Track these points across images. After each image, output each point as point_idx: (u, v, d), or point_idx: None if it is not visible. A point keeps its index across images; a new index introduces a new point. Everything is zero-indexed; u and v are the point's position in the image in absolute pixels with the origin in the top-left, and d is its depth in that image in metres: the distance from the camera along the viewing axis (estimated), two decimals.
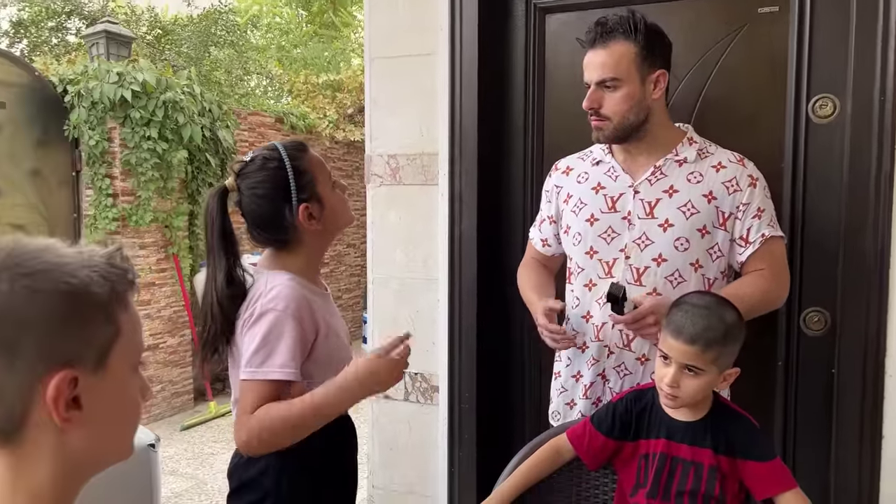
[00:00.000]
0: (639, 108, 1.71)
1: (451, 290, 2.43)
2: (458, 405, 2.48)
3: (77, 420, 0.72)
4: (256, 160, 1.53)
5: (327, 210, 1.55)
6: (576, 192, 1.86)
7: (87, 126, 4.96)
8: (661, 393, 1.49)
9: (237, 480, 1.54)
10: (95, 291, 0.73)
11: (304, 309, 1.46)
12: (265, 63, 10.21)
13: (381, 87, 2.54)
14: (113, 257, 0.78)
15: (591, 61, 1.73)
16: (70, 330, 0.72)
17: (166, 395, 5.51)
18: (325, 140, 7.51)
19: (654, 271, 1.72)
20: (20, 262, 0.71)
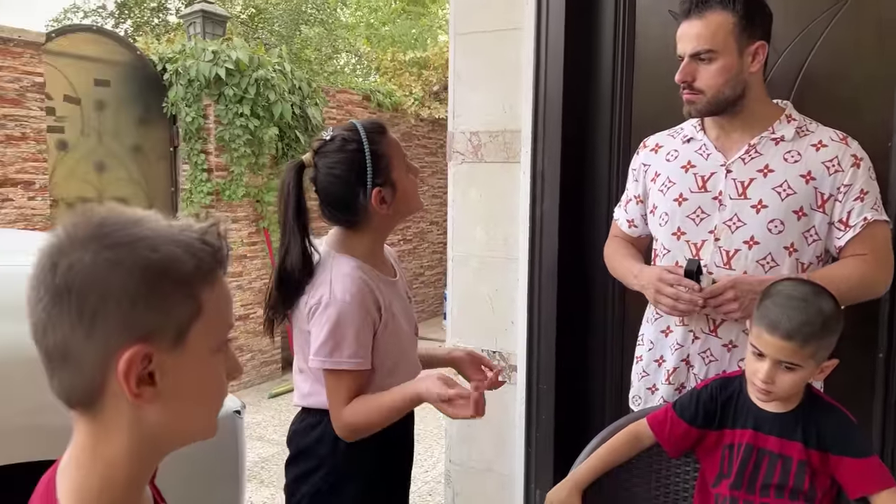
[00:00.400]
0: (735, 82, 1.62)
1: (531, 269, 2.41)
2: (536, 385, 2.46)
3: (150, 396, 0.72)
4: (336, 140, 1.52)
5: (399, 195, 1.55)
6: (664, 170, 1.79)
7: (185, 103, 5.16)
8: (752, 387, 1.43)
9: (295, 447, 1.59)
10: (178, 268, 0.72)
11: (367, 297, 1.48)
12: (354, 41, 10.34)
13: (465, 62, 2.52)
14: (206, 233, 0.76)
15: (686, 32, 1.65)
16: (148, 305, 0.71)
17: (255, 364, 5.72)
18: (410, 118, 7.55)
19: (745, 254, 1.64)
20: (106, 234, 0.71)
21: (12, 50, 4.06)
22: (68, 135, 4.60)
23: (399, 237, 7.64)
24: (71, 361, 0.70)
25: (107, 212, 0.74)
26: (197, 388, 0.77)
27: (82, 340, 0.70)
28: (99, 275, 0.69)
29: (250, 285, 5.64)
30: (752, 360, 1.41)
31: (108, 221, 0.72)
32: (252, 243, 5.63)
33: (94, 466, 0.74)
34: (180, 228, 0.75)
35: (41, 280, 0.70)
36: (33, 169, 4.23)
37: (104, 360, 0.70)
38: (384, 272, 1.61)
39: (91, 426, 0.74)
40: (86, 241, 0.70)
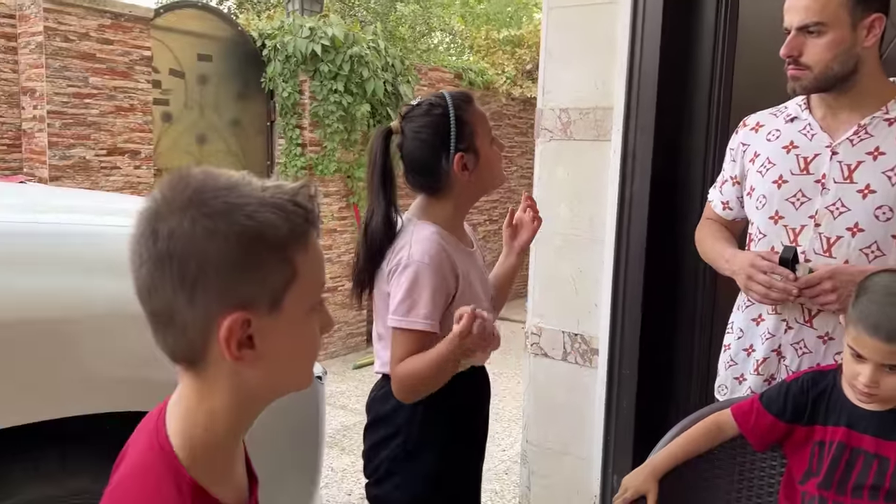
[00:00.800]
0: (846, 57, 1.51)
1: (617, 251, 2.35)
2: (618, 370, 2.41)
3: (250, 357, 0.75)
4: (423, 105, 1.55)
5: (482, 163, 1.56)
6: (764, 150, 1.69)
7: (282, 79, 5.28)
8: (852, 390, 1.34)
9: (374, 414, 1.63)
10: (273, 234, 0.74)
11: (445, 262, 1.50)
12: (448, 19, 10.32)
13: (557, 37, 2.46)
14: (297, 195, 0.77)
15: (794, 4, 1.54)
16: (245, 272, 0.73)
17: (342, 335, 5.86)
18: (501, 97, 7.49)
19: (848, 242, 1.53)
20: (204, 202, 0.72)
21: (123, 25, 4.26)
22: (172, 107, 4.80)
23: (485, 217, 7.62)
24: (175, 323, 0.74)
25: (203, 177, 0.75)
26: (294, 347, 0.80)
27: (185, 305, 0.73)
28: (198, 243, 0.71)
29: (339, 259, 5.77)
30: (850, 362, 1.32)
31: (204, 188, 0.74)
32: (342, 218, 5.74)
33: (198, 417, 0.78)
34: (272, 192, 0.76)
35: (143, 244, 0.73)
36: (139, 139, 4.44)
37: (206, 324, 0.73)
38: (464, 242, 1.62)
39: (194, 381, 0.78)
40: (184, 207, 0.72)
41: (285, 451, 1.90)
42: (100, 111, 4.19)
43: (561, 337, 2.54)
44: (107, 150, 4.25)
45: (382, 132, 1.57)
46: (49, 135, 4.00)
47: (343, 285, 5.82)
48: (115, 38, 4.22)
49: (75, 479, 1.46)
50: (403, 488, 1.56)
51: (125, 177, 4.36)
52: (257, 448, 0.96)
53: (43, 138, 4.02)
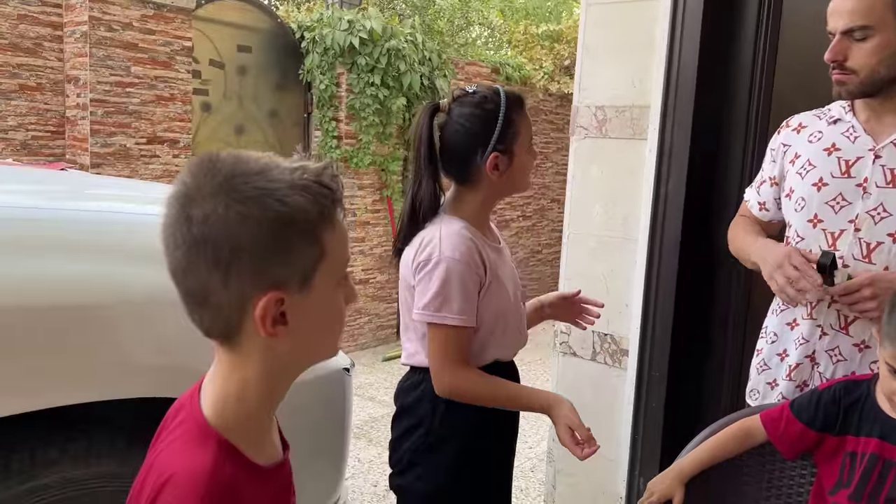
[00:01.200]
0: (892, 61, 1.47)
1: (650, 252, 2.32)
2: (647, 372, 2.39)
3: (283, 333, 0.79)
4: (477, 95, 1.55)
5: (514, 167, 1.57)
6: (805, 152, 1.66)
7: (319, 71, 5.32)
8: (891, 404, 1.31)
9: (400, 404, 1.65)
10: (303, 217, 0.77)
11: (474, 256, 1.51)
12: (487, 13, 10.28)
13: (595, 34, 2.44)
14: (322, 176, 0.80)
15: (838, 7, 1.50)
16: (277, 255, 0.76)
17: (372, 327, 5.90)
18: (538, 92, 7.44)
19: (889, 248, 1.50)
20: (235, 187, 0.75)
21: (165, 15, 4.33)
22: (212, 97, 4.87)
23: (518, 213, 7.59)
24: (210, 303, 0.78)
25: (233, 162, 0.78)
26: (323, 320, 0.84)
27: (220, 287, 0.76)
28: (231, 228, 0.74)
29: (371, 251, 5.80)
30: (888, 379, 1.29)
31: (235, 172, 0.76)
32: (375, 210, 5.77)
33: (230, 387, 0.82)
34: (299, 174, 0.78)
35: (177, 228, 0.76)
36: (179, 128, 4.51)
37: (241, 304, 0.77)
38: (490, 238, 1.63)
39: (229, 355, 0.82)
40: (216, 192, 0.75)
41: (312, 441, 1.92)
42: (140, 100, 4.27)
43: (591, 336, 2.52)
44: (146, 139, 4.33)
45: (430, 108, 1.57)
46: (91, 122, 4.09)
47: (374, 277, 5.85)
48: (158, 28, 4.29)
49: (103, 461, 1.49)
50: (425, 479, 1.57)
51: (164, 165, 4.44)
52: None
53: (85, 126, 4.11)
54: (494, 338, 1.58)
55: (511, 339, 1.65)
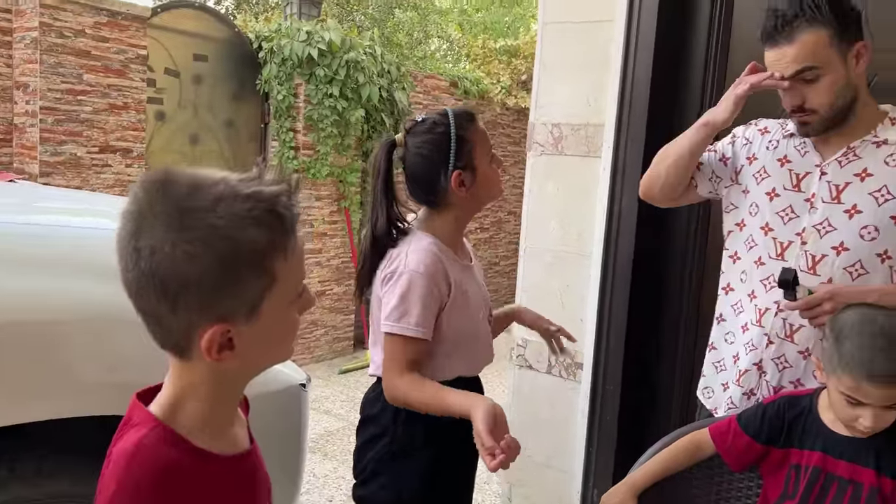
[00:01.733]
0: (846, 91, 1.54)
1: (604, 267, 2.37)
2: (601, 385, 2.43)
3: (230, 356, 0.81)
4: (427, 122, 1.61)
5: (479, 180, 1.61)
6: (762, 157, 1.72)
7: (277, 81, 5.29)
8: (849, 429, 1.35)
9: (365, 414, 1.67)
10: (251, 250, 0.77)
11: (438, 271, 1.54)
12: (446, 26, 10.36)
13: (551, 53, 2.49)
14: (276, 205, 0.80)
15: (780, 58, 1.54)
16: (224, 289, 0.77)
17: (328, 339, 5.86)
18: (496, 106, 7.52)
19: (832, 261, 1.56)
20: (184, 224, 0.75)
21: (119, 23, 4.26)
22: (166, 106, 4.80)
23: (476, 226, 7.64)
24: (161, 325, 0.80)
25: (186, 190, 0.77)
26: (272, 339, 0.86)
27: (168, 314, 0.78)
28: (178, 266, 0.75)
29: (329, 262, 5.77)
30: (846, 407, 1.32)
31: (186, 205, 0.76)
32: (333, 222, 5.75)
33: (180, 388, 0.84)
34: (251, 204, 0.78)
35: (127, 253, 0.77)
36: (132, 137, 4.44)
37: (188, 331, 0.79)
38: (461, 256, 1.67)
39: (180, 365, 0.84)
40: (166, 225, 0.75)
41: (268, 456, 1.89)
42: (93, 108, 4.19)
43: (546, 350, 2.55)
44: (99, 148, 4.25)
45: (387, 143, 1.63)
46: (41, 130, 3.99)
47: (331, 289, 5.82)
48: (111, 35, 4.22)
49: (54, 481, 1.46)
50: (388, 488, 1.59)
51: (116, 175, 4.35)
52: None
53: (34, 134, 4.01)
54: (458, 354, 1.61)
55: (476, 356, 1.69)
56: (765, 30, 1.56)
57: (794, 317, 1.59)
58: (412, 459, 1.58)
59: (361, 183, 5.85)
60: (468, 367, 1.66)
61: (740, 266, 1.75)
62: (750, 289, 1.70)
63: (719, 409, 1.78)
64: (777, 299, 1.61)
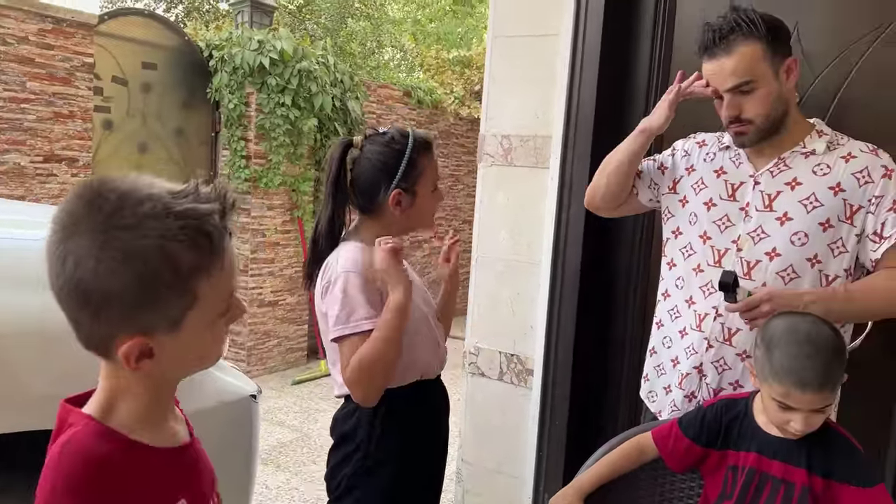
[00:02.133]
0: (779, 103, 1.63)
1: (553, 275, 2.42)
2: (551, 391, 2.47)
3: (149, 365, 0.83)
4: (387, 135, 1.67)
5: (415, 207, 1.68)
6: (700, 169, 1.80)
7: (228, 90, 5.25)
8: (782, 431, 1.41)
9: (338, 434, 1.69)
10: (173, 269, 0.78)
11: (370, 269, 1.58)
12: (399, 36, 10.40)
13: (501, 65, 2.53)
14: (204, 224, 0.80)
15: (718, 70, 1.63)
16: (144, 307, 0.79)
17: (281, 350, 5.81)
18: (449, 116, 7.58)
19: (766, 266, 1.64)
20: (109, 239, 0.76)
21: (65, 30, 4.18)
22: (114, 115, 4.73)
23: (431, 235, 7.67)
24: (82, 331, 0.82)
25: (116, 203, 0.78)
26: (196, 350, 0.87)
27: (89, 321, 0.80)
28: (101, 279, 0.77)
29: (281, 272, 5.72)
30: (778, 412, 1.37)
31: (113, 222, 0.77)
32: (286, 231, 5.71)
33: (112, 385, 0.86)
34: (180, 223, 0.79)
35: (54, 260, 0.79)
36: (78, 146, 4.35)
37: (109, 339, 0.81)
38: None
39: (107, 365, 0.86)
40: (92, 237, 0.77)
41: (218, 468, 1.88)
42: (37, 117, 4.10)
43: (498, 357, 2.59)
44: (43, 157, 4.16)
45: (343, 143, 1.69)
46: None
47: (284, 299, 5.78)
48: (57, 43, 4.14)
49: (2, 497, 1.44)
50: (363, 502, 1.61)
51: (62, 185, 4.26)
52: None
53: None
54: (408, 355, 1.62)
55: (427, 357, 1.71)
56: (703, 43, 1.64)
57: (731, 321, 1.67)
58: (385, 473, 1.61)
59: (314, 192, 5.83)
60: (424, 368, 1.70)
61: (676, 272, 1.82)
62: (688, 294, 1.77)
63: (663, 412, 1.85)
64: (715, 304, 1.69)
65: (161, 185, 0.82)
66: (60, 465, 0.80)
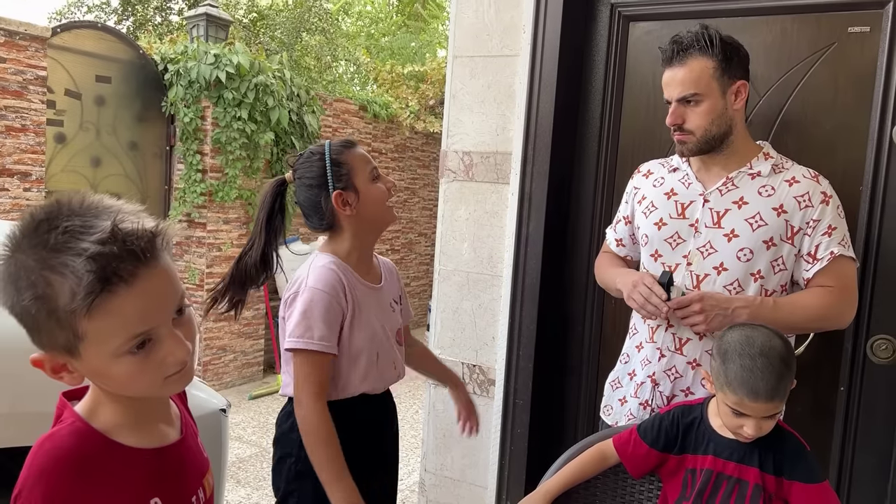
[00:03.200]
0: (721, 121, 1.73)
1: (514, 287, 2.49)
2: (512, 400, 2.54)
3: (70, 379, 0.88)
4: (305, 154, 1.71)
5: (362, 199, 1.68)
6: (650, 194, 1.90)
7: (183, 104, 5.22)
8: (735, 435, 1.49)
9: (278, 431, 1.73)
10: (49, 306, 0.80)
11: (337, 288, 1.62)
12: (353, 50, 10.44)
13: (461, 84, 2.61)
14: (101, 254, 0.79)
15: (671, 79, 1.75)
16: (36, 332, 0.84)
17: (237, 365, 5.76)
18: (405, 130, 7.64)
19: (714, 279, 1.74)
20: (14, 273, 0.81)
21: (18, 43, 4.12)
22: (67, 128, 4.65)
23: (387, 247, 7.70)
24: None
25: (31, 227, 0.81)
26: (116, 380, 0.88)
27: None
28: (8, 302, 0.83)
29: None
30: (732, 417, 1.45)
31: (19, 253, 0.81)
32: (241, 245, 5.68)
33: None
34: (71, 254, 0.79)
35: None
36: (31, 161, 4.28)
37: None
38: (367, 278, 1.72)
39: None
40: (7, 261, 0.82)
41: None
42: None
43: (461, 368, 2.65)
44: None
45: (276, 182, 1.72)
46: None
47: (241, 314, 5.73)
48: (9, 56, 4.08)
49: None
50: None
51: (13, 199, 4.18)
52: None
53: None
54: (358, 370, 1.67)
55: (379, 374, 1.72)
56: (665, 53, 1.76)
57: (681, 331, 1.77)
58: (312, 482, 1.59)
59: None
60: (372, 385, 1.71)
61: None
62: None
63: (619, 421, 1.94)
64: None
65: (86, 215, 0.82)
66: (37, 457, 0.85)
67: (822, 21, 2.08)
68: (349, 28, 11.78)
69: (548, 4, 2.38)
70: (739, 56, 1.75)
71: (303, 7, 9.20)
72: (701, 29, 1.72)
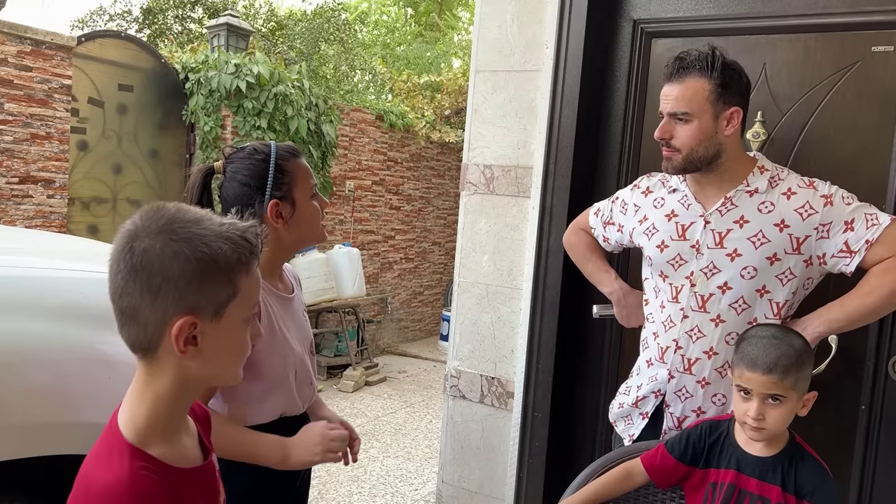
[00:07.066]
0: (708, 144, 1.73)
1: (533, 300, 2.50)
2: (531, 413, 2.55)
3: (192, 352, 0.93)
4: (247, 149, 1.57)
5: (298, 214, 1.58)
6: (651, 216, 1.91)
7: (204, 112, 5.28)
8: (744, 427, 1.51)
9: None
10: (223, 260, 0.93)
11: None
12: (369, 59, 10.51)
13: (483, 99, 2.63)
14: (245, 232, 0.97)
15: (667, 93, 1.77)
16: (198, 287, 0.92)
17: None
18: (420, 140, 7.68)
19: (719, 298, 1.76)
20: (174, 230, 0.91)
21: (44, 52, 4.19)
22: (89, 136, 4.72)
23: (401, 256, 7.73)
24: (138, 320, 0.92)
25: (174, 211, 0.95)
26: (228, 348, 0.98)
27: (148, 307, 0.91)
28: (165, 261, 0.90)
29: None
30: (740, 403, 1.50)
31: (176, 218, 0.93)
32: None
33: (145, 398, 0.96)
34: (228, 227, 0.96)
35: (120, 257, 0.91)
36: (55, 168, 4.34)
37: (162, 323, 0.92)
38: (279, 289, 1.63)
39: (147, 367, 0.96)
40: (158, 232, 0.91)
41: None
42: (14, 138, 4.09)
43: (479, 380, 2.66)
44: (19, 178, 4.14)
45: (204, 169, 1.59)
46: None
47: None
48: (35, 65, 4.15)
49: None
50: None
51: (37, 206, 4.24)
52: None
53: None
54: (279, 389, 1.56)
55: (297, 392, 1.61)
56: (667, 68, 1.78)
57: (690, 351, 1.79)
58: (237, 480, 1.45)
59: None
60: (291, 405, 1.60)
61: (648, 309, 1.94)
62: (654, 329, 1.89)
63: (625, 439, 1.97)
64: (676, 337, 1.80)
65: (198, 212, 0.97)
66: (96, 495, 0.89)
67: (846, 40, 2.09)
68: (365, 37, 11.86)
69: (571, 20, 2.41)
70: (739, 83, 1.74)
71: (322, 17, 9.28)
72: (707, 50, 1.72)
